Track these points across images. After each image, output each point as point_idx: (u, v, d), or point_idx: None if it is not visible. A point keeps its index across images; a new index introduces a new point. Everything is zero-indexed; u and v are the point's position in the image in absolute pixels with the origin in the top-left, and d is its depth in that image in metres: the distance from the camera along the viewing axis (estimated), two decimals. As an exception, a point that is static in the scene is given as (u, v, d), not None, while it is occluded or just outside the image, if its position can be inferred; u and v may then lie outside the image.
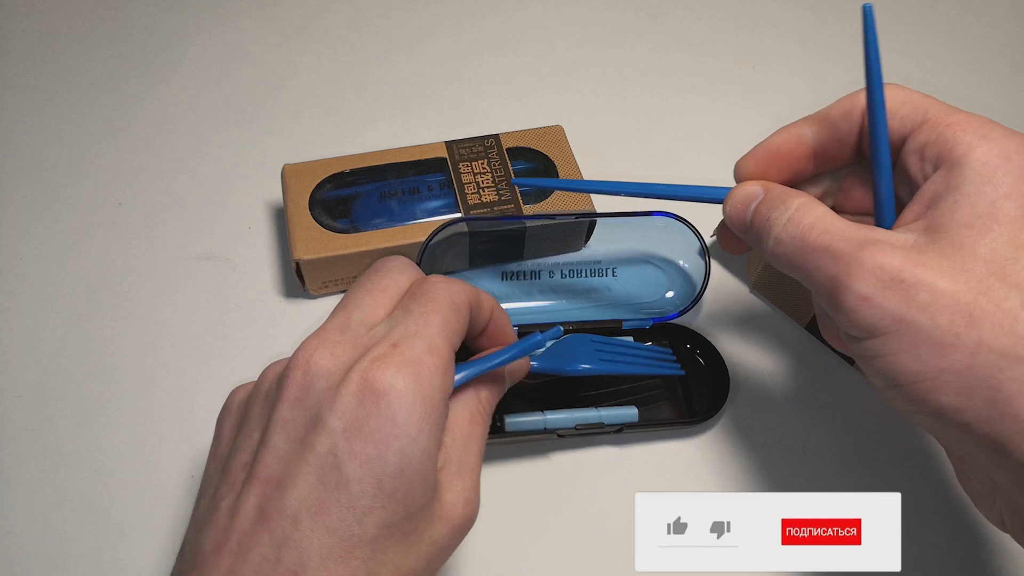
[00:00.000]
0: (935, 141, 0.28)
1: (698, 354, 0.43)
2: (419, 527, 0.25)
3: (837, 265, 0.26)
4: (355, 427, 0.24)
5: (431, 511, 0.26)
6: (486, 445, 0.37)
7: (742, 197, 0.31)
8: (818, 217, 0.28)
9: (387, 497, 0.24)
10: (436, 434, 0.25)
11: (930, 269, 0.25)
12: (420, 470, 0.25)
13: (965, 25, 0.64)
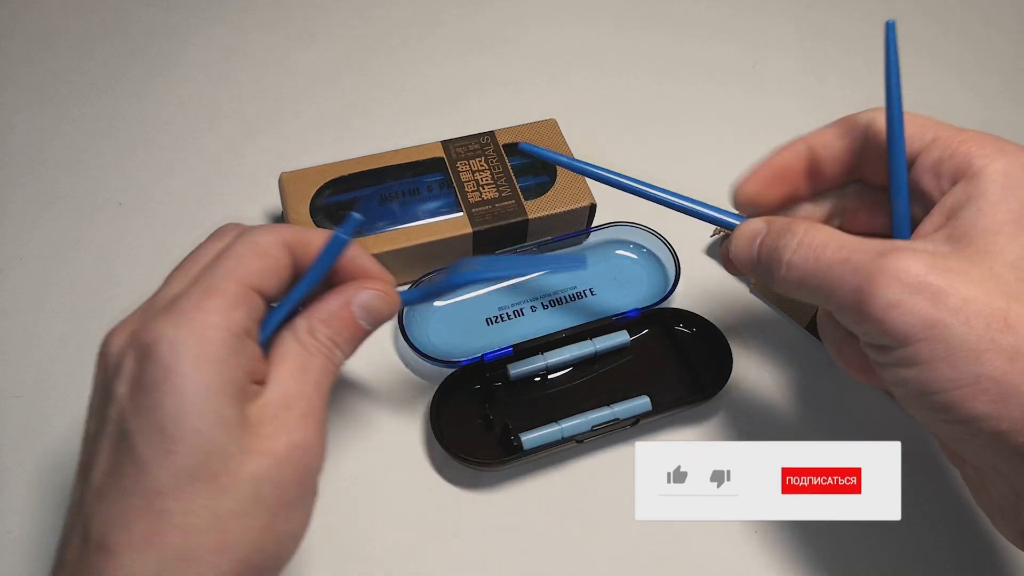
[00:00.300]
0: (951, 156, 0.28)
1: (694, 331, 0.43)
2: (229, 466, 0.24)
3: (859, 276, 0.26)
4: (134, 387, 0.24)
5: (242, 446, 0.24)
6: (493, 470, 0.37)
7: (747, 235, 0.31)
8: (829, 236, 0.28)
9: (173, 441, 0.23)
10: (222, 369, 0.24)
11: (958, 274, 0.25)
12: (204, 407, 0.24)
13: (963, 44, 0.64)
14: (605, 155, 0.52)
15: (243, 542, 0.24)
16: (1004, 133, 0.28)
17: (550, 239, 0.45)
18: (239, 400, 0.25)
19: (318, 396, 0.27)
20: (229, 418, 0.24)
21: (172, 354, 0.24)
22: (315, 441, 0.26)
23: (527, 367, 0.41)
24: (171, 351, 0.24)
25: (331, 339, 0.28)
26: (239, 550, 0.24)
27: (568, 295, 0.45)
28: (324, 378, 0.28)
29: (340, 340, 0.29)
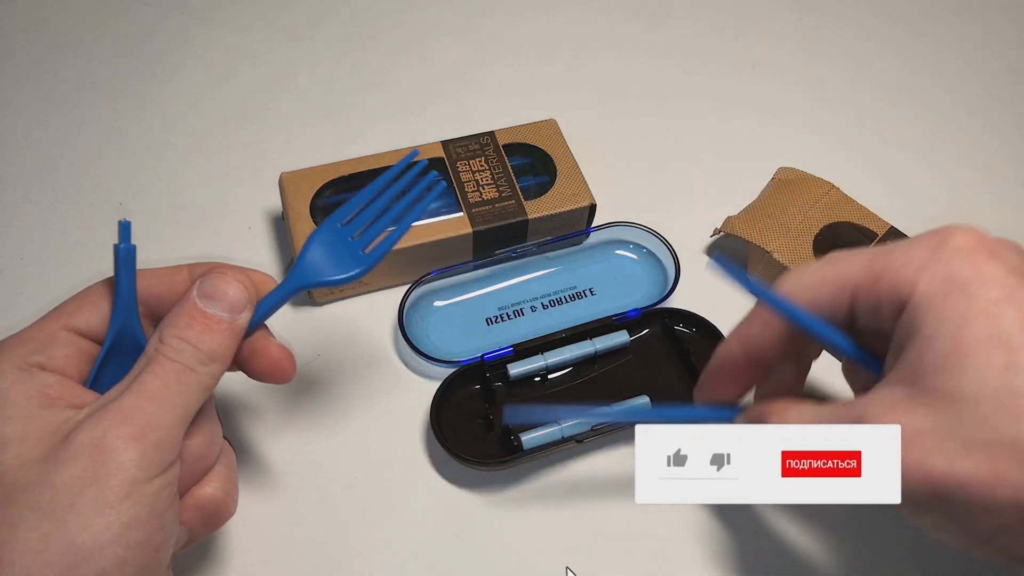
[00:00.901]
0: (877, 301, 0.26)
1: (694, 331, 0.43)
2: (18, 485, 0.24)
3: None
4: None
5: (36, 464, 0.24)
6: (493, 470, 0.38)
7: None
8: (799, 414, 0.27)
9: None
10: (7, 396, 0.25)
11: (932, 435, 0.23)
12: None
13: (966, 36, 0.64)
14: (605, 155, 0.52)
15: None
16: (1007, 133, 0.28)
17: (550, 239, 0.45)
18: (22, 419, 0.25)
19: (138, 396, 0.25)
20: (5, 437, 0.24)
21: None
22: (113, 437, 0.24)
23: (527, 367, 0.41)
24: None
25: (176, 336, 0.27)
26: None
27: (568, 295, 0.45)
28: (156, 379, 0.26)
29: (192, 336, 0.27)
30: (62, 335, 0.27)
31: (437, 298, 0.44)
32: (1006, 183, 0.54)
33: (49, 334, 0.27)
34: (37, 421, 0.25)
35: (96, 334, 0.28)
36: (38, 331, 0.27)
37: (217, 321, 0.28)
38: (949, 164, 0.55)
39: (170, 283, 0.30)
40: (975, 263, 0.24)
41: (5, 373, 0.26)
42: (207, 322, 0.27)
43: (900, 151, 0.55)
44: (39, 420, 0.25)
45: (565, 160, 0.47)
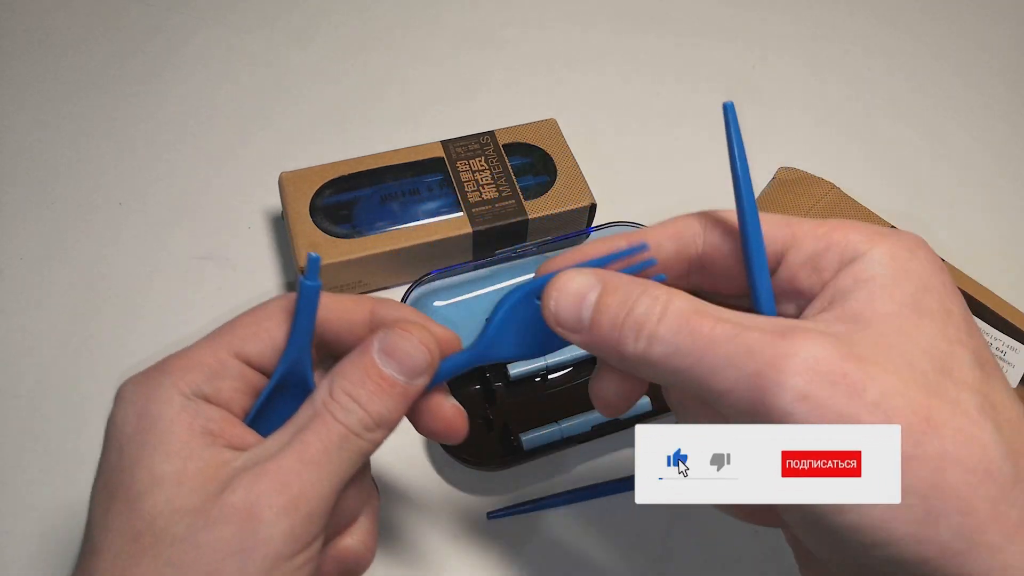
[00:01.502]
0: (828, 248, 0.24)
1: None
2: (168, 531, 0.22)
3: (756, 360, 0.21)
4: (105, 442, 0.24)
5: (192, 512, 0.22)
6: (493, 471, 0.37)
7: (574, 289, 0.24)
8: (701, 304, 0.23)
9: (112, 500, 0.23)
10: (170, 429, 0.23)
11: (873, 363, 0.21)
12: (143, 466, 0.23)
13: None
14: (605, 155, 0.52)
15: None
16: (1005, 132, 0.28)
17: (550, 239, 0.45)
18: (182, 457, 0.23)
19: (299, 459, 0.23)
20: (163, 475, 0.22)
21: (125, 413, 0.24)
22: (266, 506, 0.22)
23: (527, 367, 0.41)
24: (124, 410, 0.24)
25: (347, 393, 0.24)
26: None
27: None
28: (318, 440, 0.24)
29: (364, 396, 0.24)
30: (232, 364, 0.25)
31: (437, 298, 0.44)
32: (1007, 182, 0.54)
33: (220, 361, 0.25)
34: (196, 462, 0.23)
35: (264, 365, 0.25)
36: (207, 355, 0.25)
37: (392, 384, 0.25)
38: (950, 164, 0.55)
39: (349, 322, 0.27)
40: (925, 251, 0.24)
41: (172, 400, 0.23)
42: (381, 382, 0.25)
43: (901, 151, 0.55)
44: (198, 460, 0.23)
45: (565, 160, 0.47)
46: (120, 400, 0.24)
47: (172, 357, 0.25)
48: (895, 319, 0.22)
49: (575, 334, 0.25)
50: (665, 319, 0.23)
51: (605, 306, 0.24)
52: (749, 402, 0.21)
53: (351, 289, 0.44)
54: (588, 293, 0.24)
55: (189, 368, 0.24)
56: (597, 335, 0.24)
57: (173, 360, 0.25)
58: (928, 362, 0.21)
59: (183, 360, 0.25)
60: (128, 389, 0.24)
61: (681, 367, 0.22)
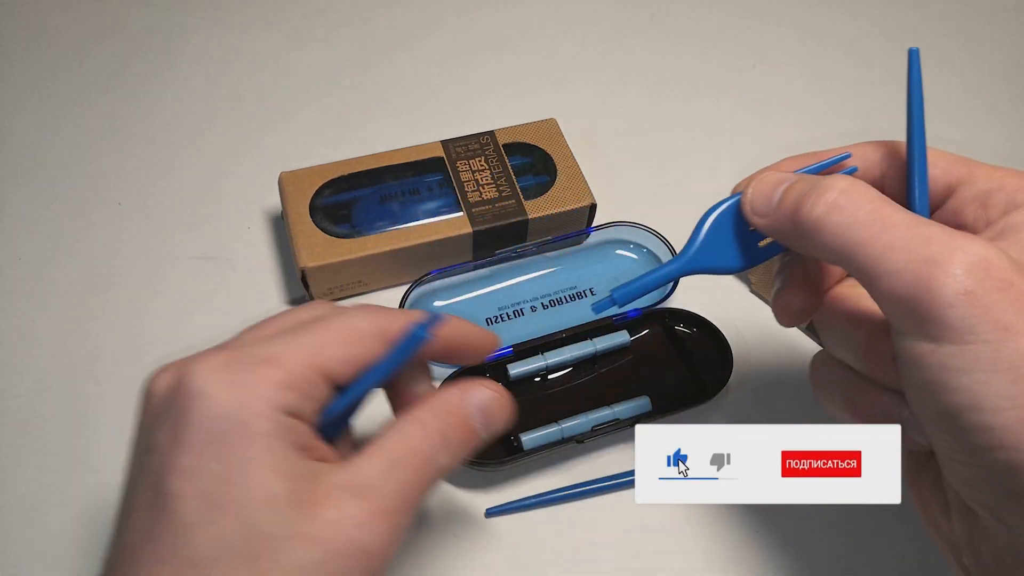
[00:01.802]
0: (1000, 188, 0.25)
1: (694, 331, 0.43)
2: (272, 547, 0.22)
3: (931, 246, 0.22)
4: (175, 439, 0.23)
5: (291, 528, 0.22)
6: (493, 470, 0.37)
7: (773, 179, 0.27)
8: (882, 195, 0.24)
9: (216, 510, 0.22)
10: (276, 443, 0.23)
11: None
12: (259, 478, 0.22)
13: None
14: (605, 155, 0.52)
15: None
16: (1004, 134, 0.28)
17: (550, 239, 0.45)
18: (290, 477, 0.23)
19: (402, 498, 0.24)
20: (277, 494, 0.22)
21: (220, 418, 0.22)
22: (378, 545, 0.23)
23: (527, 367, 0.41)
24: (216, 412, 0.23)
25: (442, 436, 0.26)
26: None
27: (568, 295, 0.45)
28: (417, 480, 0.25)
29: (456, 444, 0.26)
30: (320, 385, 0.25)
31: (437, 298, 0.44)
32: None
33: (311, 381, 0.24)
34: (302, 482, 0.23)
35: (338, 379, 0.25)
36: (301, 372, 0.24)
37: (477, 438, 0.27)
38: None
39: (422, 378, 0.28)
40: None
41: (273, 417, 0.23)
42: (471, 436, 0.27)
43: (900, 151, 0.55)
44: (304, 480, 0.23)
45: (565, 160, 0.47)
46: (206, 398, 0.23)
47: (263, 363, 0.24)
48: None
49: (763, 218, 0.26)
50: (848, 194, 0.24)
51: (793, 188, 0.26)
52: (913, 287, 0.22)
53: (351, 289, 0.44)
54: (781, 183, 0.26)
55: (285, 385, 0.24)
56: (783, 210, 0.25)
57: (265, 369, 0.24)
58: None
59: (278, 372, 0.24)
60: (216, 390, 0.23)
61: (855, 240, 0.23)
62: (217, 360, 0.24)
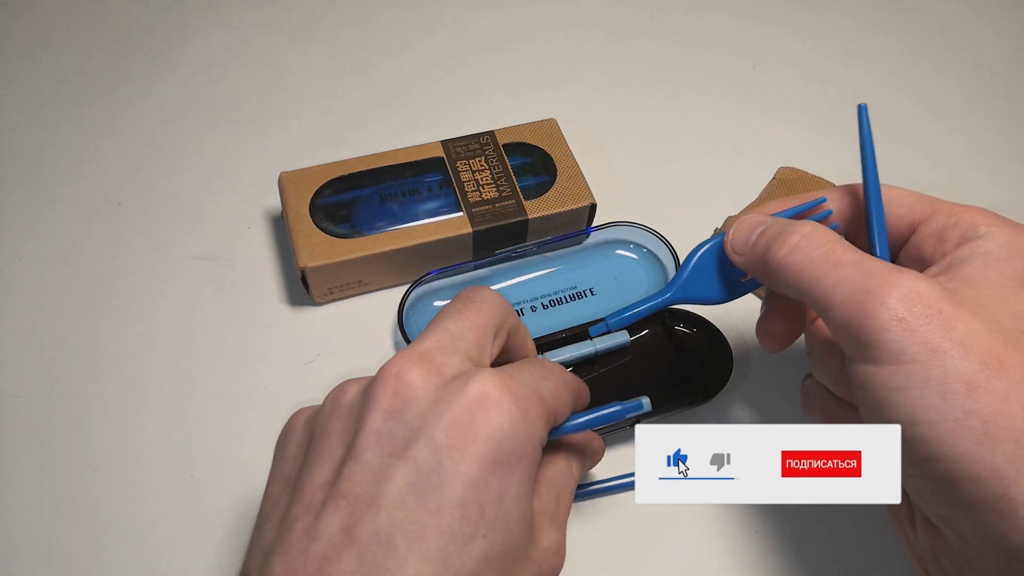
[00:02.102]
0: (956, 224, 0.28)
1: (694, 331, 0.43)
2: (515, 567, 0.24)
3: (869, 280, 0.25)
4: (462, 445, 0.23)
5: (528, 552, 0.25)
6: None
7: (752, 222, 0.31)
8: (838, 238, 0.28)
9: (488, 526, 0.23)
10: (532, 472, 0.25)
11: (967, 309, 0.24)
12: (519, 502, 0.24)
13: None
14: (605, 155, 0.52)
15: None
16: (1004, 134, 0.29)
17: (550, 239, 0.45)
18: (532, 503, 0.26)
19: (567, 519, 0.29)
20: (529, 520, 0.25)
21: (510, 440, 0.24)
22: (563, 563, 0.27)
23: None
24: (508, 436, 0.24)
25: (578, 472, 0.31)
26: None
27: (568, 295, 0.45)
28: (570, 504, 0.29)
29: (581, 471, 0.31)
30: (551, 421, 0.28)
31: (437, 298, 0.44)
32: (1010, 181, 0.54)
33: (557, 415, 0.28)
34: (531, 510, 0.26)
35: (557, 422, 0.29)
36: (553, 405, 0.27)
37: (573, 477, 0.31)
38: (951, 163, 0.55)
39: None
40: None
41: (537, 448, 0.26)
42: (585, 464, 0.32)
43: (901, 150, 0.55)
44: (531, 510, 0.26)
45: (565, 160, 0.47)
46: (503, 418, 0.24)
47: (539, 400, 0.26)
48: (998, 287, 0.26)
49: (741, 256, 0.31)
50: (808, 238, 0.28)
51: (767, 231, 0.30)
52: (854, 315, 0.25)
53: (351, 289, 0.45)
54: (758, 227, 0.31)
55: (548, 424, 0.27)
56: (756, 250, 0.30)
57: (541, 405, 0.26)
58: (1014, 324, 0.25)
59: (547, 411, 0.27)
60: (510, 414, 0.24)
61: (809, 277, 0.27)
62: (501, 380, 0.25)
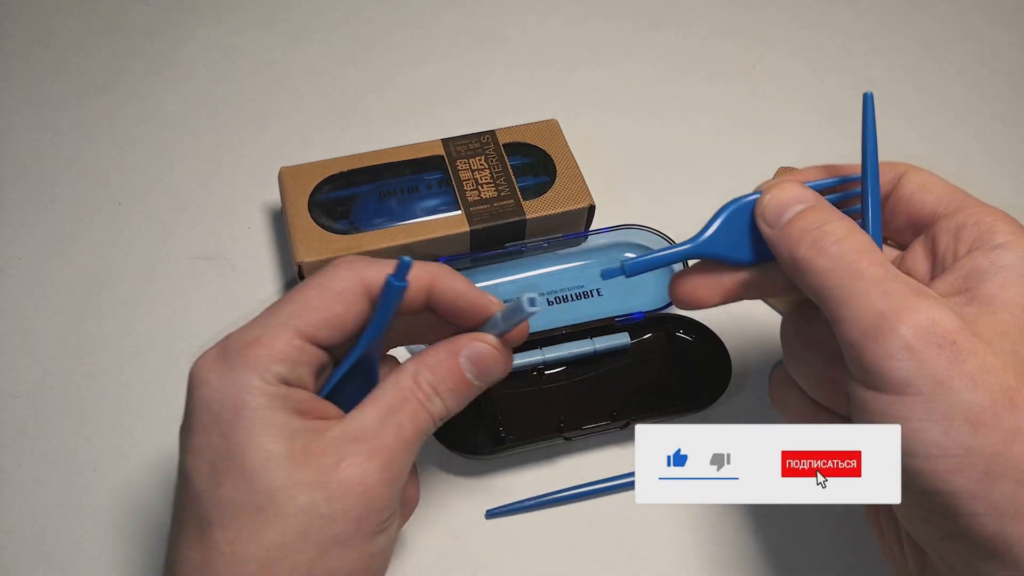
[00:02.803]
0: (974, 224, 0.27)
1: (694, 338, 0.43)
2: (276, 499, 0.24)
3: (888, 301, 0.24)
4: (186, 427, 0.26)
5: (293, 479, 0.25)
6: (493, 457, 0.38)
7: (789, 194, 0.28)
8: (871, 247, 0.26)
9: (220, 475, 0.25)
10: (264, 415, 0.25)
11: (983, 341, 0.23)
12: (248, 446, 0.25)
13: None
14: (605, 157, 0.52)
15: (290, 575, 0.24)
16: (1006, 131, 0.28)
17: (561, 236, 0.45)
18: (288, 437, 0.25)
19: (397, 439, 0.27)
20: (276, 452, 0.25)
21: (215, 399, 0.25)
22: (376, 480, 0.26)
23: (524, 360, 0.41)
24: (214, 396, 0.25)
25: (432, 386, 0.28)
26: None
27: (575, 293, 0.45)
28: (411, 423, 0.27)
29: (442, 388, 0.28)
30: (307, 349, 0.27)
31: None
32: (1007, 181, 0.53)
33: (297, 348, 0.26)
34: (300, 439, 0.25)
35: (325, 340, 0.27)
36: (284, 343, 0.26)
37: (470, 386, 0.29)
38: (951, 163, 0.54)
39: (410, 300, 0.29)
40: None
41: (264, 389, 0.25)
42: (462, 384, 0.29)
43: (901, 151, 0.55)
44: (301, 438, 0.25)
45: (565, 161, 0.47)
46: (205, 386, 0.26)
47: (248, 346, 0.26)
48: (1019, 310, 0.25)
49: (770, 228, 0.28)
50: (840, 243, 0.26)
51: (804, 215, 0.28)
52: (863, 334, 0.24)
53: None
54: (799, 203, 0.28)
55: (272, 360, 0.26)
56: (786, 232, 0.28)
57: (251, 350, 0.26)
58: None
59: (262, 349, 0.26)
60: (212, 377, 0.26)
61: (830, 283, 0.25)
62: (213, 352, 0.27)
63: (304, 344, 0.26)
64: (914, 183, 0.30)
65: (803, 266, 0.27)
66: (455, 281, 0.29)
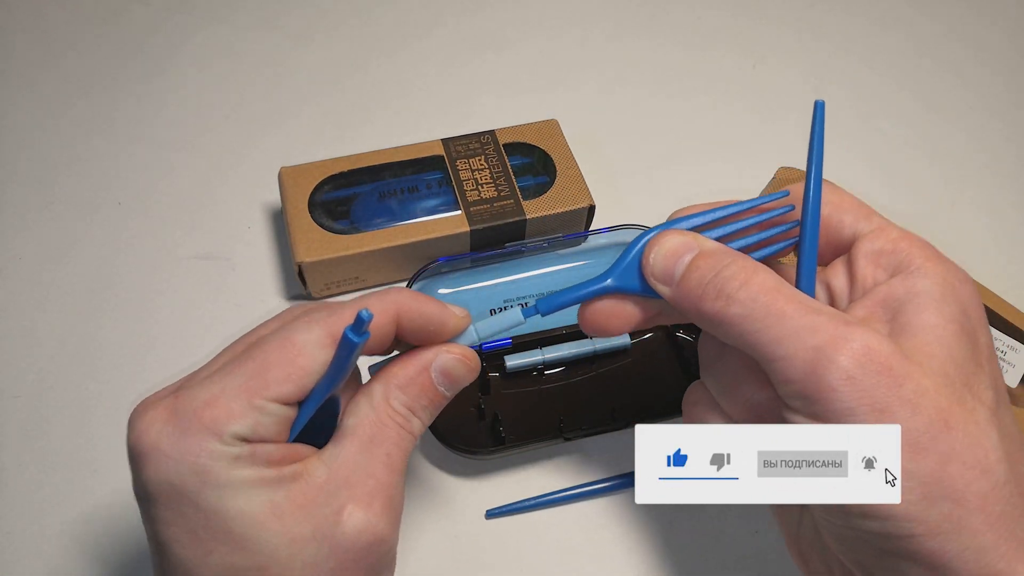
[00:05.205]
0: (892, 251, 0.27)
1: (694, 338, 0.43)
2: (276, 558, 0.24)
3: (818, 336, 0.23)
4: (148, 495, 0.24)
5: (289, 535, 0.24)
6: (493, 456, 0.37)
7: (672, 248, 0.27)
8: (780, 281, 0.25)
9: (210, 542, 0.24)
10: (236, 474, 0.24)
11: (914, 364, 0.24)
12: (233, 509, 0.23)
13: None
14: (605, 157, 0.52)
15: None
16: (1004, 132, 0.28)
17: (562, 236, 0.45)
18: (265, 491, 0.24)
19: (389, 471, 0.26)
20: (257, 513, 0.24)
21: (174, 472, 0.24)
22: (384, 525, 0.25)
23: (524, 360, 0.41)
24: (172, 469, 0.24)
25: (408, 406, 0.27)
26: None
27: None
28: (398, 450, 0.26)
29: (418, 407, 0.27)
30: (268, 407, 0.25)
31: (442, 285, 0.44)
32: (1006, 182, 0.53)
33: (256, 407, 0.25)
34: (280, 491, 0.24)
35: (288, 397, 0.25)
36: (231, 400, 0.24)
37: (442, 398, 0.29)
38: (952, 164, 0.55)
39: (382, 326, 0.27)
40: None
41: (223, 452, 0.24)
42: (435, 397, 0.28)
43: (902, 151, 0.55)
44: (282, 489, 0.24)
45: (565, 161, 0.47)
46: (158, 455, 0.24)
47: (205, 406, 0.24)
48: (939, 331, 0.25)
49: (665, 287, 0.27)
50: (746, 286, 0.25)
51: (696, 267, 0.27)
52: (802, 372, 0.24)
53: (347, 285, 0.45)
54: (685, 254, 0.27)
55: (230, 421, 0.24)
56: (684, 289, 0.27)
57: (207, 411, 0.24)
58: (958, 375, 0.24)
59: (219, 411, 0.24)
60: (165, 444, 0.24)
61: (750, 329, 0.25)
62: (160, 414, 0.25)
63: (265, 403, 0.25)
64: (830, 204, 0.29)
65: (716, 319, 0.26)
66: (422, 305, 0.28)
